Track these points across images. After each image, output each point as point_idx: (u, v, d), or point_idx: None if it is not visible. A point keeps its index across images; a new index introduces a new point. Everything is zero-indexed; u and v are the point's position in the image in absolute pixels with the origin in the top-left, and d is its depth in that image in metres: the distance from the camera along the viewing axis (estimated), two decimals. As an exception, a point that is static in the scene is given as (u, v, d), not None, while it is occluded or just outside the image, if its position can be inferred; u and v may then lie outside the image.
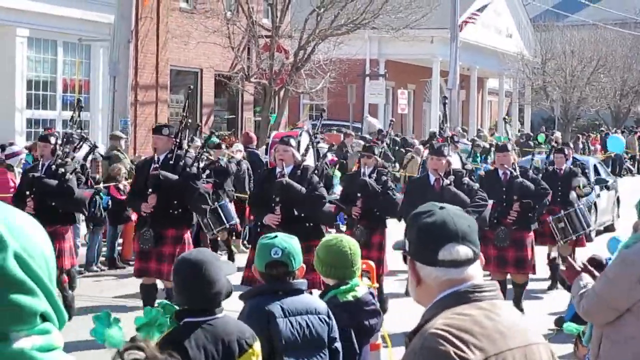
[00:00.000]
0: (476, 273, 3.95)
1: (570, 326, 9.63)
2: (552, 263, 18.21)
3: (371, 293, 8.02)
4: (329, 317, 7.06)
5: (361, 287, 7.78)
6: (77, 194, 14.66)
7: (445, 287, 3.87)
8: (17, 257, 2.34)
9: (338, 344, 7.10)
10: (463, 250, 3.89)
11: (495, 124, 56.79)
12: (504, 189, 15.62)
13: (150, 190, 13.49)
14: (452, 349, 3.61)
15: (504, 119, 36.41)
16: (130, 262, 18.68)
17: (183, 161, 13.87)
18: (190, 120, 15.91)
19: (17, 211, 2.49)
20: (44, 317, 2.41)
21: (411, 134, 41.90)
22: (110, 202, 20.44)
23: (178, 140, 14.21)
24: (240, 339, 6.14)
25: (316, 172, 15.45)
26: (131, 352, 3.40)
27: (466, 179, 14.80)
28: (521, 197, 15.15)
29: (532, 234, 15.60)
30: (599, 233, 25.13)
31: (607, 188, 27.95)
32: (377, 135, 32.33)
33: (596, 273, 7.56)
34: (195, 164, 14.22)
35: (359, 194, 15.03)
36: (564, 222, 17.22)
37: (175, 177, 13.50)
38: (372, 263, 10.99)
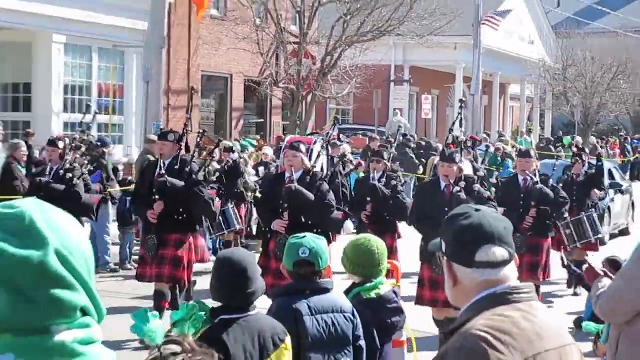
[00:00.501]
0: (512, 274, 3.96)
1: (589, 325, 9.39)
2: (565, 267, 18.16)
3: (394, 291, 8.00)
4: (354, 315, 7.07)
5: (385, 286, 7.80)
6: (85, 199, 14.49)
7: (482, 288, 3.89)
8: (57, 253, 2.36)
9: (362, 342, 7.10)
10: (499, 252, 3.89)
11: (517, 129, 56.60)
12: (522, 195, 15.31)
13: (156, 197, 13.33)
14: (492, 351, 3.64)
15: (527, 126, 36.50)
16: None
17: (189, 167, 13.64)
18: (190, 125, 15.26)
19: (57, 210, 2.51)
20: (84, 312, 2.43)
21: (435, 139, 41.54)
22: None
23: (183, 146, 14.01)
24: (273, 335, 6.19)
25: (328, 179, 15.40)
26: (168, 347, 3.51)
27: (477, 186, 14.11)
28: (539, 204, 14.88)
29: (549, 240, 15.39)
30: (613, 237, 24.90)
31: (622, 192, 27.61)
32: (395, 135, 30.88)
33: (610, 275, 7.51)
34: (202, 171, 14.12)
35: (368, 198, 14.76)
36: (570, 229, 16.99)
37: (182, 183, 13.26)
38: (397, 263, 10.92)
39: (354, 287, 7.77)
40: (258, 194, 19.49)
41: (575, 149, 27.47)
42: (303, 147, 13.07)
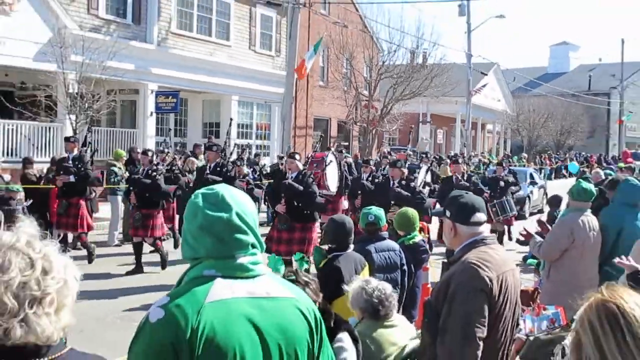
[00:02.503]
0: (486, 229, 4.06)
1: (532, 260, 9.50)
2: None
3: (423, 240, 7.84)
4: (400, 252, 6.89)
5: (418, 237, 7.66)
6: (163, 188, 13.24)
7: (470, 237, 3.95)
8: (237, 214, 2.36)
9: (405, 267, 6.86)
10: (482, 216, 4.01)
11: (490, 149, 55.37)
12: (454, 188, 12.79)
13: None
14: (480, 270, 3.74)
15: (496, 147, 33.84)
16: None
17: (225, 168, 12.73)
18: (230, 141, 14.23)
19: (235, 189, 2.49)
20: (253, 246, 2.40)
21: (444, 155, 40.48)
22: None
23: (224, 154, 13.14)
24: (360, 262, 6.10)
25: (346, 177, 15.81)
26: (289, 275, 3.71)
27: (413, 184, 12.98)
28: None
29: None
30: (532, 214, 23.48)
31: (538, 187, 26.62)
32: (425, 154, 31.01)
33: (540, 233, 7.45)
34: (233, 170, 12.91)
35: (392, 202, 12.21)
36: (496, 208, 15.26)
37: (220, 179, 12.03)
38: (425, 223, 9.79)
39: (399, 238, 7.56)
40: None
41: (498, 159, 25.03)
42: (297, 157, 11.79)
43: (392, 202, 12.03)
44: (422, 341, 4.16)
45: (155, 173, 13.16)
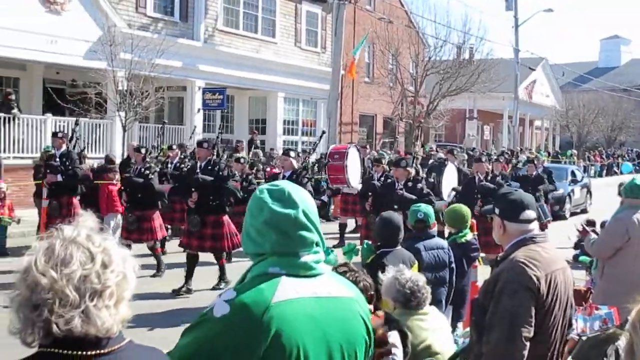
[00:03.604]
0: (536, 226, 3.99)
1: (584, 258, 9.51)
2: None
3: (474, 237, 7.72)
4: (448, 250, 6.87)
5: (469, 234, 7.56)
6: (157, 188, 12.21)
7: (520, 234, 3.92)
8: (303, 212, 2.37)
9: (453, 265, 6.83)
10: (532, 214, 3.98)
11: (538, 146, 53.30)
12: (476, 189, 12.71)
13: (192, 189, 11.00)
14: (527, 269, 3.71)
15: (545, 144, 33.74)
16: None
17: (218, 167, 11.20)
18: (221, 137, 12.92)
19: (298, 186, 2.49)
20: (317, 244, 2.39)
21: (492, 151, 39.37)
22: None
23: (215, 151, 11.80)
24: (410, 259, 6.07)
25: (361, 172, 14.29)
26: (340, 268, 3.77)
27: (420, 185, 11.79)
28: (484, 196, 11.99)
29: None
30: (574, 214, 22.84)
31: (580, 185, 24.93)
32: (472, 150, 30.68)
33: (590, 231, 7.33)
34: (226, 169, 11.42)
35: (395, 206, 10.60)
36: None
37: (210, 178, 10.98)
38: (474, 221, 8.61)
39: (450, 235, 7.59)
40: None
41: (529, 156, 25.21)
42: (292, 153, 11.04)
43: (396, 207, 10.52)
44: (469, 339, 4.13)
45: (148, 171, 12.21)
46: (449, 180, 13.69)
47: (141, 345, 2.06)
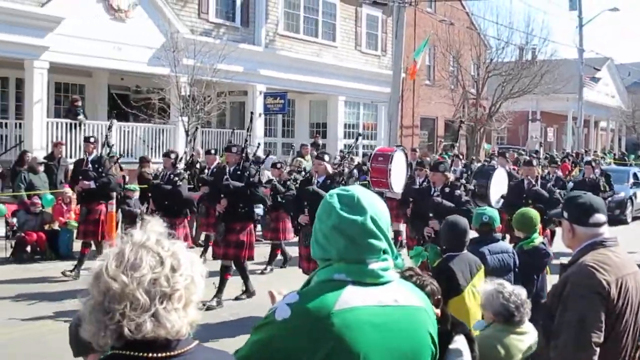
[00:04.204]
0: (606, 230, 3.93)
1: None
2: None
3: (543, 243, 7.51)
4: (513, 254, 6.79)
5: (538, 239, 7.37)
6: (185, 195, 11.90)
7: (589, 238, 3.86)
8: (371, 218, 2.33)
9: (517, 269, 6.71)
10: (602, 218, 3.91)
11: (604, 147, 53.34)
12: (525, 194, 12.25)
13: (222, 195, 10.57)
14: (597, 273, 3.66)
15: (610, 146, 33.57)
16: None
17: (247, 172, 10.65)
18: (248, 142, 11.57)
19: (370, 192, 2.47)
20: (385, 252, 2.37)
21: (555, 153, 39.20)
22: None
23: (244, 155, 10.91)
24: (476, 263, 6.00)
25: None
26: (407, 272, 3.69)
27: (458, 191, 10.33)
28: (535, 202, 11.51)
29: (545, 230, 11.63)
30: (636, 218, 22.52)
31: None
32: (534, 152, 29.79)
33: None
34: (257, 175, 10.85)
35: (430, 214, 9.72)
36: None
37: (241, 184, 10.47)
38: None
39: (518, 241, 7.36)
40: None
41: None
42: (327, 157, 10.30)
43: (431, 214, 9.59)
44: (537, 343, 4.06)
45: (177, 178, 11.82)
46: (499, 185, 12.60)
47: (210, 348, 2.09)
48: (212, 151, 11.33)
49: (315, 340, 2.21)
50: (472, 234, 6.43)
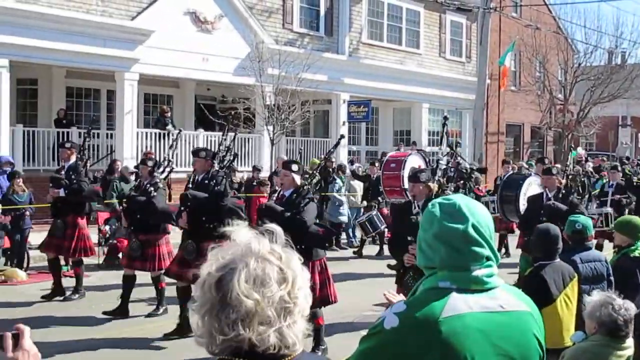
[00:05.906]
0: None
1: None
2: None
3: None
4: (606, 262, 6.63)
5: None
6: (161, 207, 10.03)
7: None
8: (473, 226, 2.35)
9: (612, 277, 6.50)
10: None
11: None
12: (542, 210, 10.42)
13: (182, 208, 9.30)
14: None
15: None
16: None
17: (215, 180, 9.20)
18: (230, 149, 9.99)
19: (472, 200, 2.50)
20: (488, 258, 2.37)
21: None
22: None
23: (213, 162, 9.43)
24: (569, 273, 5.93)
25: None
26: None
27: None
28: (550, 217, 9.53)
29: None
30: None
31: None
32: (625, 159, 29.81)
33: None
34: (224, 182, 9.29)
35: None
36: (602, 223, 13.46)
37: (203, 194, 9.11)
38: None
39: (622, 249, 6.98)
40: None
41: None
42: (295, 167, 8.32)
43: (409, 238, 7.35)
44: (635, 356, 3.98)
45: (152, 188, 10.09)
46: (530, 194, 11.66)
47: (314, 355, 2.23)
48: (202, 153, 9.45)
49: (423, 347, 2.25)
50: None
